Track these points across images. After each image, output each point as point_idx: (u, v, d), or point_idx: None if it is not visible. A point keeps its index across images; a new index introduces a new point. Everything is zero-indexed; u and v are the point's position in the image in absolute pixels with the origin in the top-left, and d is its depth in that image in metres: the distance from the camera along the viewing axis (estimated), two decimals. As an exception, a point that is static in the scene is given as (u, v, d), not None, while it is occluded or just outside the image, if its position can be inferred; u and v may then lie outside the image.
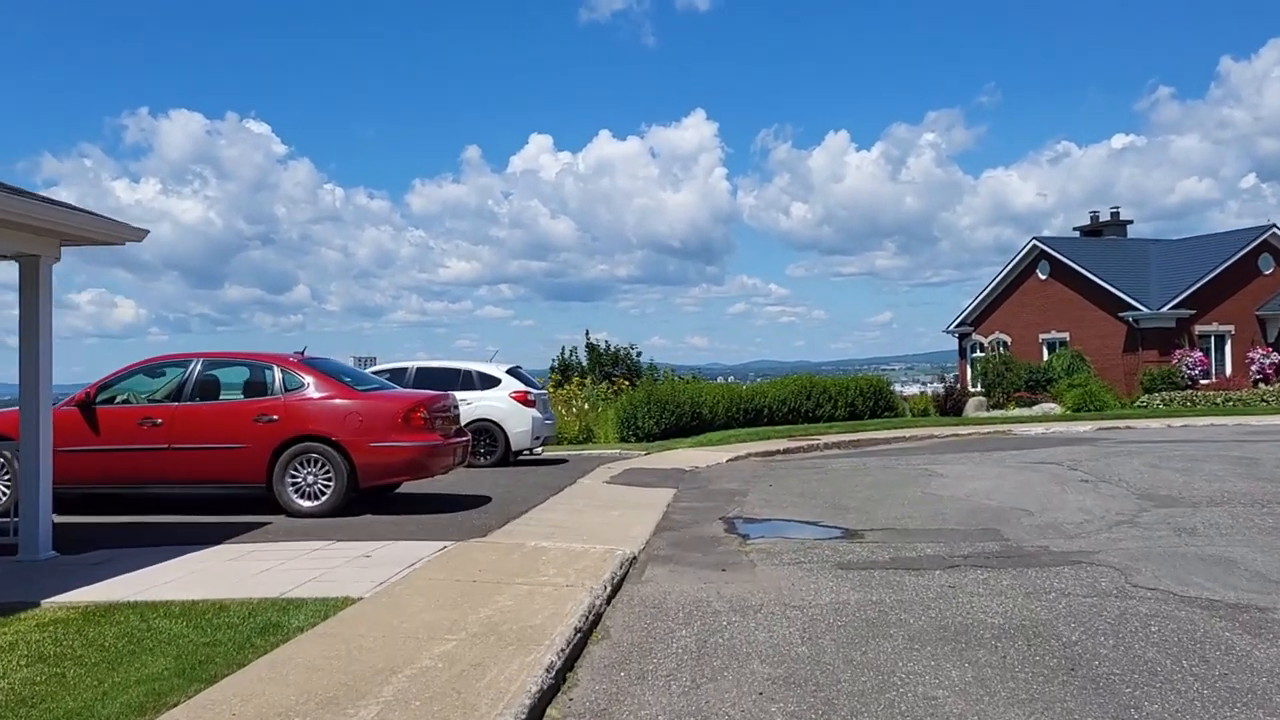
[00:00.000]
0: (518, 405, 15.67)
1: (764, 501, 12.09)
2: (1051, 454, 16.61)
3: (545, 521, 10.10)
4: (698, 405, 23.71)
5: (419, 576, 6.95)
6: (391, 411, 10.09)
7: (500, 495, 12.03)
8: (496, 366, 16.25)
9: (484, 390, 15.80)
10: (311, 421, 10.01)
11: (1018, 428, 24.34)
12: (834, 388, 27.54)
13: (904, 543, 8.89)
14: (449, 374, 16.04)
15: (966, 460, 16.10)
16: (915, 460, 16.44)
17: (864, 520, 10.31)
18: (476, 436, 15.56)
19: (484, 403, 15.64)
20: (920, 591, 6.84)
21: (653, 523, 10.30)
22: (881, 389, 28.85)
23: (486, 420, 15.58)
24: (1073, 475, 13.46)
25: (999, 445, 19.28)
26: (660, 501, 12.01)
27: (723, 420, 24.63)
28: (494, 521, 9.86)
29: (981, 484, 12.91)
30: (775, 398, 26.35)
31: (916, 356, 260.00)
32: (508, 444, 15.58)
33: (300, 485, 10.01)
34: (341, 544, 8.47)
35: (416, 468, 10.23)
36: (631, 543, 8.85)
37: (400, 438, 10.02)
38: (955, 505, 11.16)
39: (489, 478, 14.02)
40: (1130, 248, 39.15)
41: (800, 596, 6.78)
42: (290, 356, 10.62)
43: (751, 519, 10.80)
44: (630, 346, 34.18)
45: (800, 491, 12.89)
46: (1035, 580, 7.13)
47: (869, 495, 12.24)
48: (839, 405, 27.29)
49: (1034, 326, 38.30)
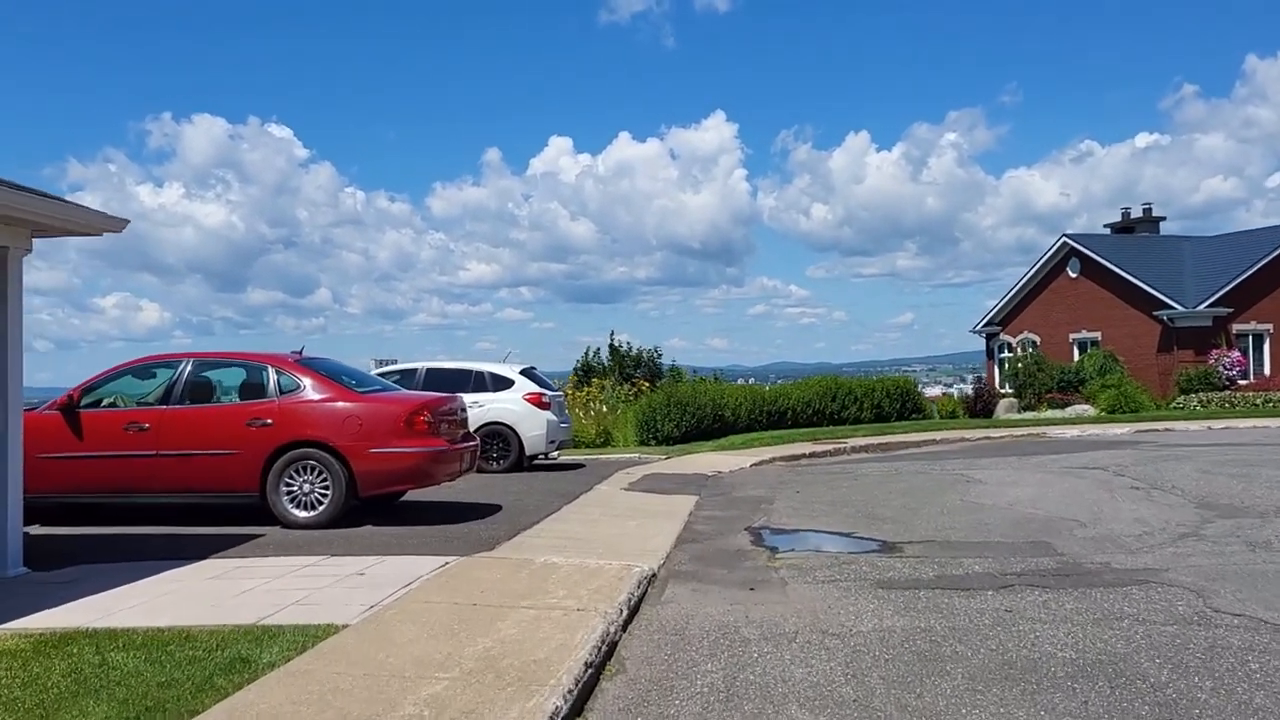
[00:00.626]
0: (532, 408, 14.98)
1: (792, 510, 11.35)
2: (1094, 458, 15.77)
3: (557, 533, 9.39)
4: (719, 407, 22.97)
5: (414, 599, 6.26)
6: (393, 415, 9.40)
7: (511, 503, 11.34)
8: (510, 368, 15.57)
9: (496, 392, 15.12)
10: (308, 426, 9.34)
11: (1052, 430, 23.47)
12: (859, 389, 26.74)
13: (948, 557, 8.13)
14: (460, 375, 15.37)
15: (1004, 465, 15.29)
16: (950, 465, 15.64)
17: (902, 531, 9.56)
18: (489, 440, 14.91)
19: (497, 405, 14.96)
20: (974, 617, 6.09)
21: (673, 534, 9.59)
22: (909, 390, 28.01)
23: (499, 424, 14.90)
24: (1121, 482, 12.64)
25: (1035, 449, 18.44)
26: (681, 510, 11.29)
27: (745, 423, 23.88)
28: (502, 533, 9.17)
29: (1024, 491, 12.12)
30: (799, 399, 25.58)
31: (939, 358, 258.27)
32: (521, 448, 14.89)
33: (296, 494, 9.34)
34: (336, 559, 7.79)
35: (420, 475, 9.54)
36: (650, 557, 8.14)
37: (402, 443, 9.33)
38: (999, 515, 10.39)
39: (501, 484, 13.33)
40: (1163, 245, 38.11)
41: (839, 622, 6.05)
42: (287, 356, 9.97)
43: (780, 529, 10.07)
44: (653, 349, 33.56)
45: (830, 499, 12.14)
46: (1102, 603, 6.36)
47: (904, 503, 11.48)
48: (865, 407, 26.49)
49: (1064, 326, 37.33)
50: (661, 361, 33.26)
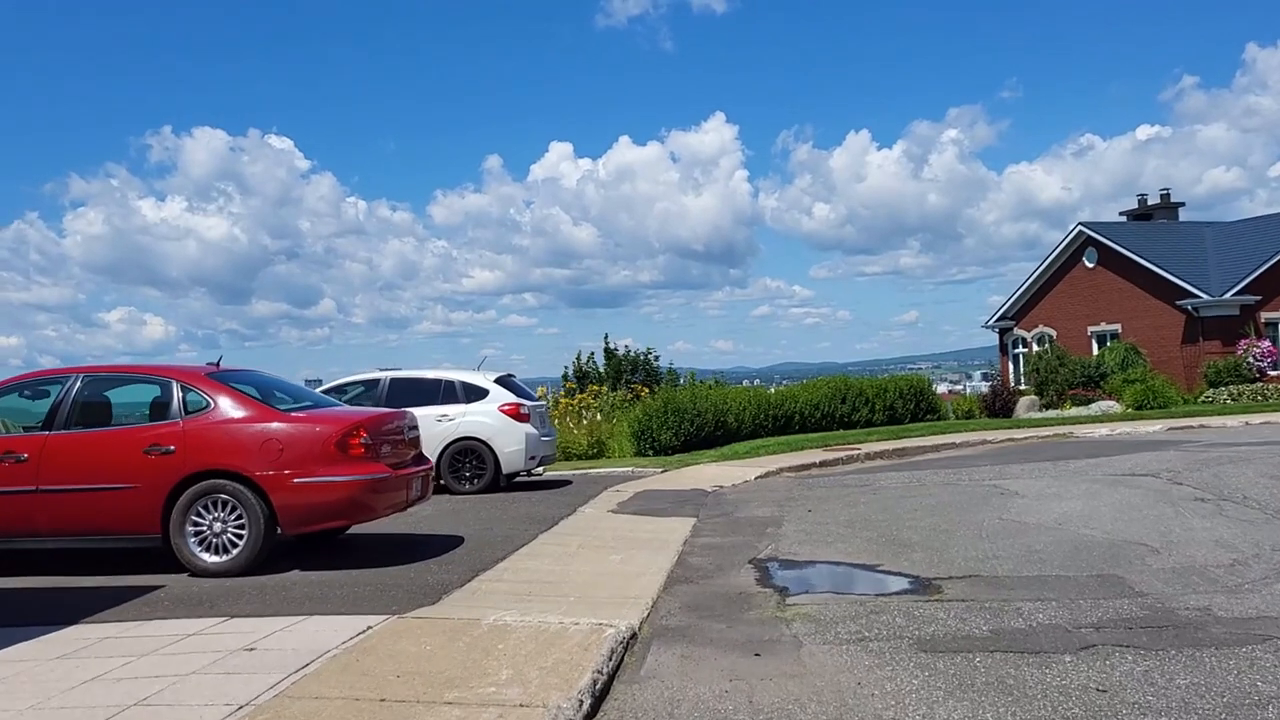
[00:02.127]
0: (509, 420, 13.36)
1: (804, 534, 9.75)
2: (1138, 462, 14.14)
3: (524, 574, 7.80)
4: (721, 413, 21.34)
5: (300, 693, 4.66)
6: (321, 437, 7.78)
7: (477, 534, 9.75)
8: (483, 375, 13.94)
9: (469, 403, 13.50)
10: (219, 452, 7.73)
11: (1079, 429, 21.82)
12: (871, 390, 25.13)
13: (1000, 600, 6.53)
14: (427, 385, 13.79)
15: (1039, 472, 13.66)
16: (978, 473, 14.01)
17: (936, 562, 7.96)
18: (460, 458, 13.31)
19: (469, 418, 13.36)
20: (1057, 702, 4.49)
21: (663, 571, 8.00)
22: (923, 390, 26.40)
23: (471, 438, 13.29)
24: (1182, 492, 11.01)
25: (1068, 452, 16.80)
26: (675, 537, 9.70)
27: (749, 429, 22.27)
28: (455, 577, 7.58)
29: (1071, 505, 10.51)
30: (807, 402, 23.97)
31: (944, 355, 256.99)
32: (497, 466, 13.26)
33: (205, 535, 7.74)
34: (235, 623, 6.20)
35: (355, 509, 7.92)
36: (631, 607, 6.55)
37: (333, 470, 7.71)
38: (1049, 537, 8.78)
39: (471, 508, 11.74)
40: (1184, 231, 36.46)
41: (875, 712, 4.45)
42: (198, 369, 8.38)
43: (790, 561, 8.47)
44: (649, 351, 31.91)
45: (847, 519, 10.53)
46: (1225, 675, 4.76)
47: (934, 523, 9.88)
48: (877, 409, 24.88)
49: (1082, 318, 35.68)
50: (659, 364, 31.68)
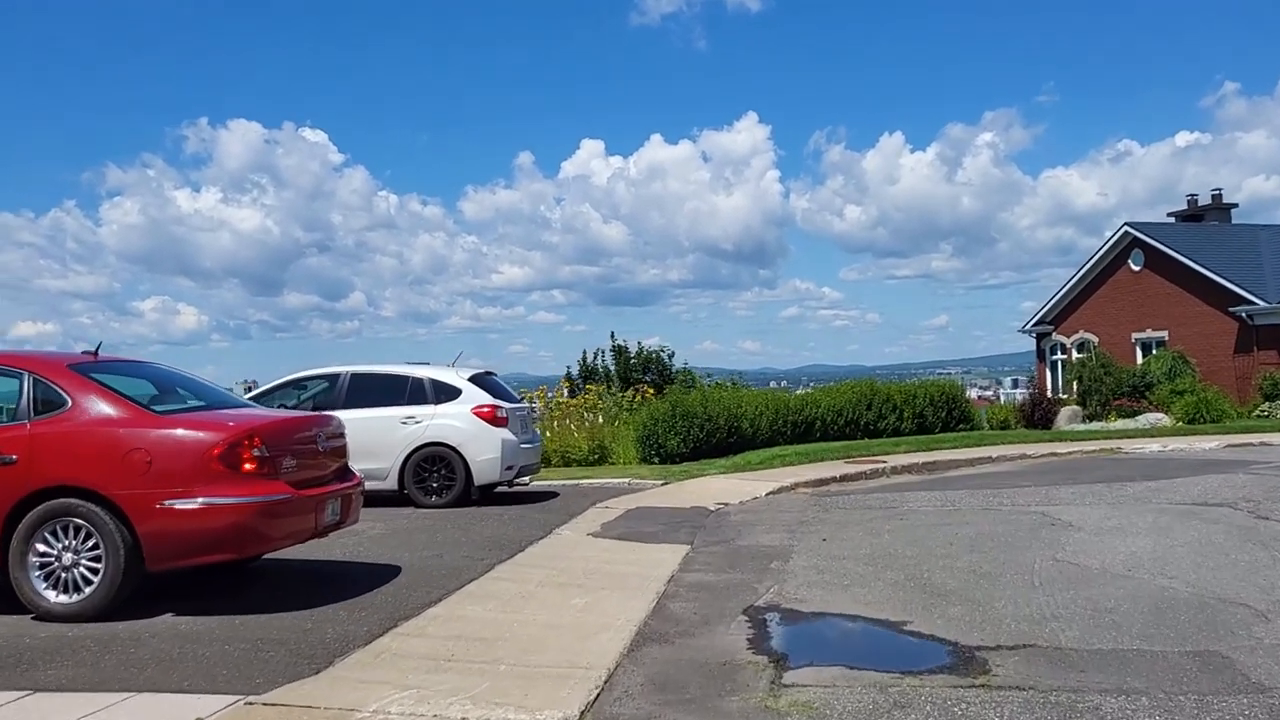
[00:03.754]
0: (482, 424, 11.69)
1: (815, 572, 8.05)
2: (1207, 487, 12.31)
3: (454, 626, 6.16)
4: (735, 418, 19.62)
5: None
6: (201, 448, 6.14)
7: (420, 563, 8.12)
8: (456, 373, 12.27)
9: (438, 404, 11.84)
10: (72, 465, 6.12)
11: (1128, 445, 19.91)
12: (899, 396, 23.31)
13: (1070, 689, 4.81)
14: (392, 382, 12.14)
15: (1093, 498, 11.85)
16: (1021, 496, 12.22)
17: (980, 621, 6.24)
18: (427, 466, 11.67)
19: (437, 421, 11.70)
20: None
21: (634, 622, 6.34)
22: (955, 396, 24.55)
23: (440, 444, 11.63)
24: (1271, 529, 9.20)
25: (1120, 471, 14.96)
26: (659, 572, 8.03)
27: (766, 435, 20.52)
28: (365, 629, 5.95)
29: (1139, 544, 8.73)
30: (829, 408, 22.19)
31: (974, 360, 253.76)
32: (469, 476, 11.59)
33: (53, 569, 6.15)
34: (31, 702, 4.60)
35: (242, 539, 6.25)
36: (577, 685, 4.90)
37: (215, 489, 6.07)
38: (1118, 589, 7.03)
39: (428, 527, 10.11)
40: (1237, 234, 34.29)
41: None
42: (63, 358, 6.79)
43: (795, 612, 6.78)
44: (661, 349, 30.18)
45: (869, 552, 8.81)
46: None
47: (974, 563, 8.14)
48: (905, 416, 23.06)
49: (1126, 324, 33.60)
50: (673, 363, 29.91)
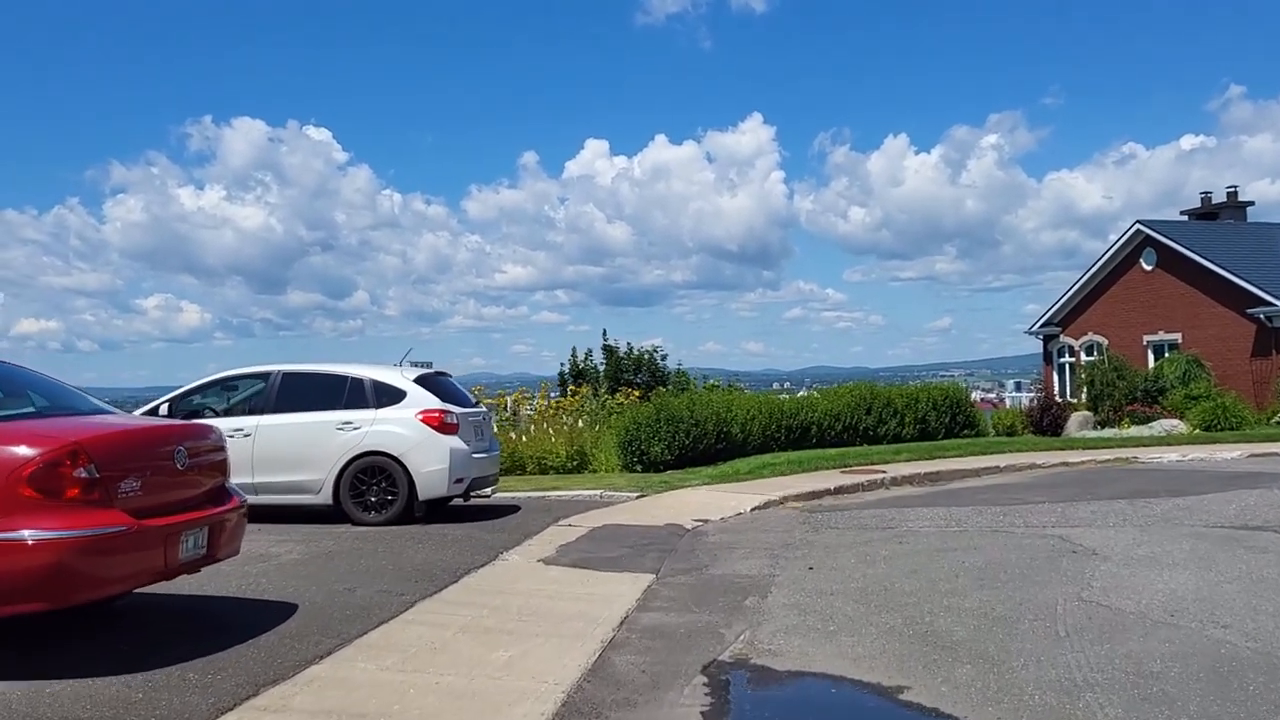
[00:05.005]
0: (429, 432, 10.37)
1: (796, 613, 6.75)
2: (1243, 506, 10.99)
3: (330, 697, 4.85)
4: (724, 423, 18.30)
5: None
6: (5, 467, 4.85)
7: (323, 601, 6.81)
8: (401, 373, 10.93)
9: (379, 409, 10.52)
10: None
11: (1144, 454, 18.59)
12: (900, 400, 22.00)
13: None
14: (327, 383, 10.82)
15: (1117, 517, 10.53)
16: (1035, 515, 10.91)
17: (995, 691, 4.93)
18: (365, 477, 10.37)
19: (378, 428, 10.39)
20: None
21: (565, 686, 5.05)
22: (960, 401, 23.24)
23: (379, 453, 10.30)
24: (1334, 562, 7.89)
25: (1141, 485, 13.63)
26: (611, 611, 6.74)
27: (758, 441, 19.22)
28: (209, 701, 4.66)
29: (1179, 579, 7.42)
30: (826, 412, 20.88)
31: (977, 363, 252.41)
32: (412, 490, 10.28)
33: None
34: None
35: (60, 585, 4.88)
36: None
37: (21, 521, 4.76)
38: (1163, 642, 5.72)
39: (351, 552, 8.80)
40: (1255, 233, 32.95)
41: None
42: None
43: (765, 672, 5.49)
44: (654, 349, 28.87)
45: (861, 587, 7.51)
46: None
47: (985, 602, 6.84)
48: (906, 422, 21.75)
49: (1137, 326, 32.25)
50: (666, 364, 28.62)
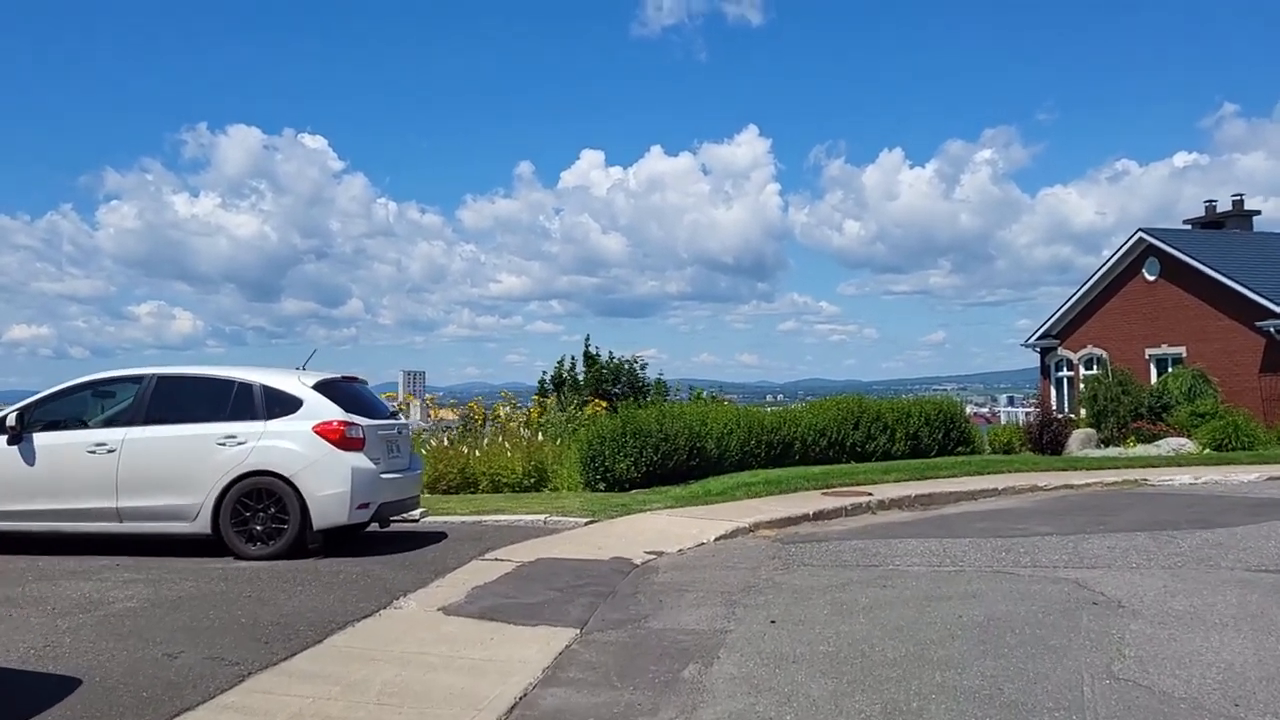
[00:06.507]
0: (326, 447, 8.74)
1: (746, 691, 5.19)
2: (1284, 543, 9.45)
3: None
4: (698, 438, 16.70)
5: None
6: None
7: (120, 672, 5.21)
8: (298, 378, 9.27)
9: (270, 420, 8.91)
10: None
11: (1154, 475, 17.04)
12: (890, 414, 20.45)
13: None
14: (209, 388, 9.20)
15: (1140, 556, 8.96)
16: (1043, 550, 9.34)
17: None
18: (250, 502, 8.74)
19: (266, 442, 8.75)
20: None
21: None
22: (954, 415, 21.70)
23: (267, 473, 8.68)
24: None
25: (1158, 512, 12.07)
26: (506, 688, 5.17)
27: (735, 458, 17.64)
28: None
29: (1232, 645, 5.86)
30: (811, 426, 19.31)
31: (970, 377, 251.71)
32: (305, 518, 8.67)
33: None
34: None
35: None
36: None
37: None
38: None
39: (214, 594, 7.18)
40: (1263, 243, 31.54)
41: None
42: None
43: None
44: (634, 359, 27.36)
45: (832, 652, 5.94)
46: None
47: (988, 680, 5.28)
48: (897, 437, 20.20)
49: (1139, 339, 30.77)
50: (645, 374, 27.13)
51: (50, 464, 8.80)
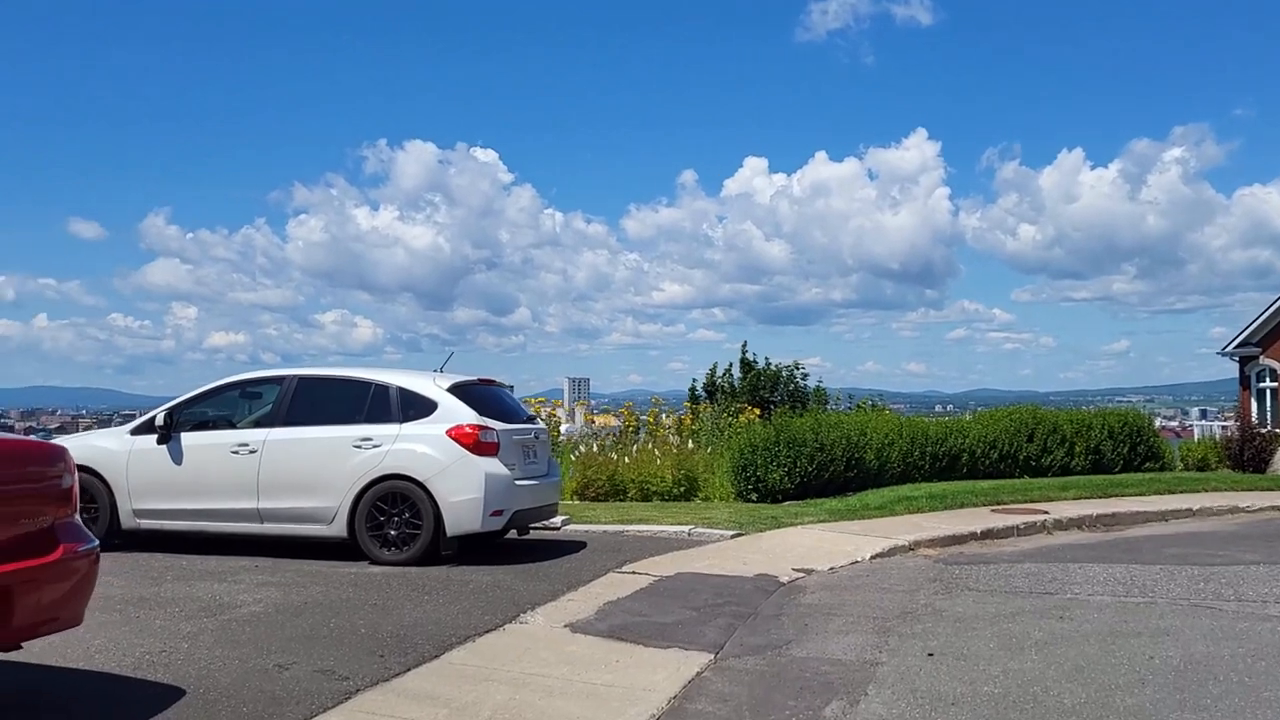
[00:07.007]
0: (460, 451, 8.49)
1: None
2: None
3: None
4: (856, 448, 15.88)
5: None
6: None
7: (226, 683, 4.99)
8: (433, 380, 9.09)
9: (404, 422, 8.78)
10: None
11: (1379, 499, 15.17)
12: (1069, 426, 19.01)
13: None
14: (346, 391, 9.10)
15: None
16: (1250, 584, 8.21)
17: None
18: (385, 506, 8.58)
19: (400, 446, 8.60)
20: None
21: None
22: (1141, 429, 20.02)
23: (401, 477, 8.51)
24: None
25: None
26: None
27: (897, 470, 16.70)
28: None
29: None
30: (979, 438, 18.13)
31: (1157, 388, 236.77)
32: (439, 524, 8.47)
33: None
34: None
35: None
36: None
37: None
38: None
39: (339, 602, 6.99)
40: None
41: None
42: None
43: None
44: (794, 365, 26.49)
45: (999, 694, 5.20)
46: None
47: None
48: (1076, 452, 18.76)
49: (1356, 347, 27.89)
50: (807, 382, 26.20)
51: (195, 464, 8.91)
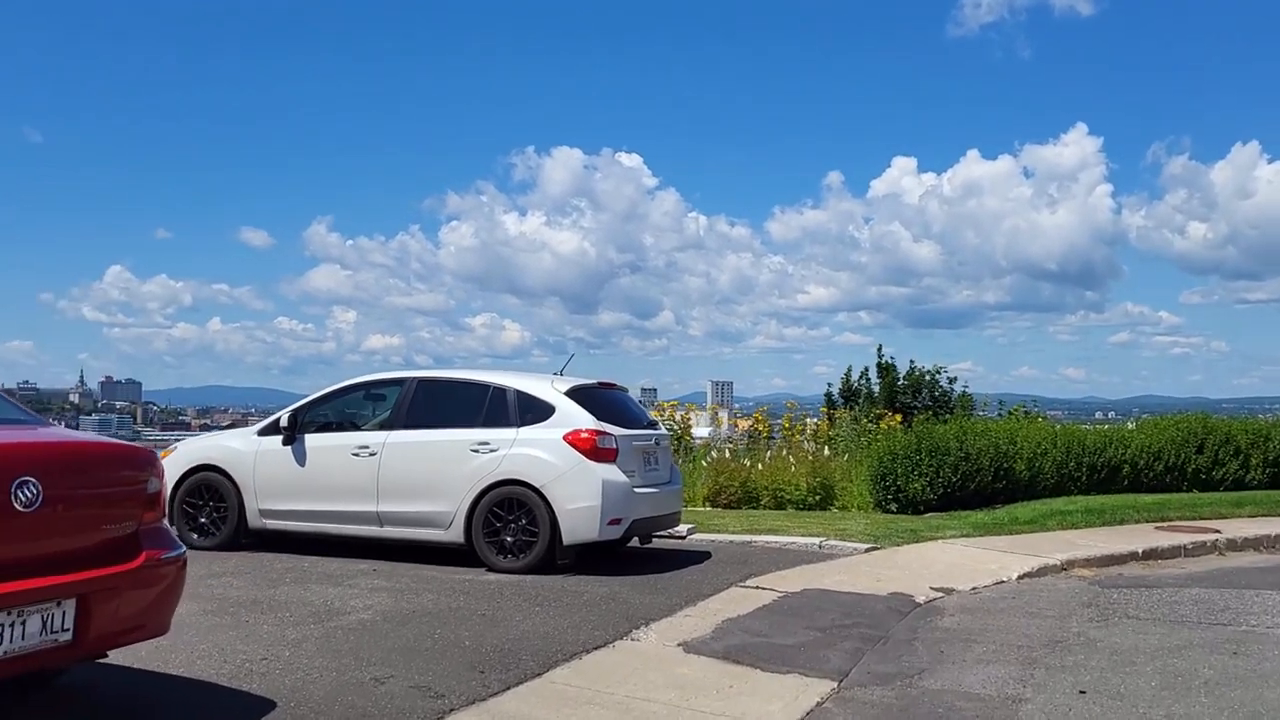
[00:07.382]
0: (576, 457, 8.21)
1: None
2: None
3: None
4: (1005, 457, 14.94)
5: None
6: None
7: (320, 696, 4.82)
8: (551, 384, 8.88)
9: (522, 427, 8.57)
10: None
11: None
12: (1243, 436, 17.45)
13: None
14: (465, 393, 8.94)
15: None
16: None
17: None
18: (502, 512, 8.38)
19: (517, 450, 8.38)
20: None
21: None
22: (1328, 440, 18.24)
23: (517, 483, 8.29)
24: None
25: None
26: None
27: (1050, 481, 15.64)
28: None
29: None
30: (1143, 448, 16.82)
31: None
32: (555, 531, 8.25)
33: None
34: None
35: None
36: None
37: None
38: None
39: (447, 610, 6.79)
40: None
41: None
42: None
43: None
44: (937, 369, 25.35)
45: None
46: None
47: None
48: (1252, 464, 17.19)
49: None
50: (952, 388, 25.02)
51: (318, 465, 8.95)
